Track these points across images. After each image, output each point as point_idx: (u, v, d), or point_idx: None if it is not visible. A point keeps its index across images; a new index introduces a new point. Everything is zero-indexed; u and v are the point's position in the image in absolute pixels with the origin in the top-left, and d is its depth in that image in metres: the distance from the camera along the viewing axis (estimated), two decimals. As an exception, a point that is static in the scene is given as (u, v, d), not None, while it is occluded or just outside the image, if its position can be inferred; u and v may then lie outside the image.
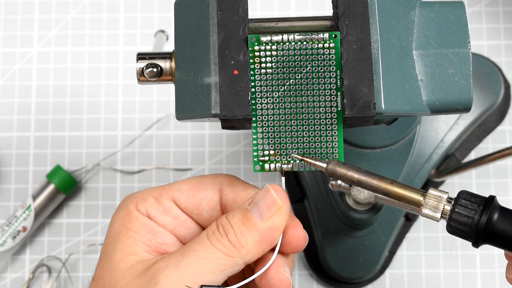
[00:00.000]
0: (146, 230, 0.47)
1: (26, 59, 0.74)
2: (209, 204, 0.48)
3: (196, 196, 0.48)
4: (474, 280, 0.69)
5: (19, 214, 0.69)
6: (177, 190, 0.48)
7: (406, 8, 0.49)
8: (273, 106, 0.47)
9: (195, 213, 0.48)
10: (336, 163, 0.46)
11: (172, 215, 0.48)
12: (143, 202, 0.48)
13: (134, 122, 0.73)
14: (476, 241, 0.44)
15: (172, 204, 0.48)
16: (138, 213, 0.48)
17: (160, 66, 0.50)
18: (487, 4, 0.74)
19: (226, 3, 0.47)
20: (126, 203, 0.48)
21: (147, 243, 0.47)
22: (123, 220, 0.48)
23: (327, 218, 0.67)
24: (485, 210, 0.44)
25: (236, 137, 0.73)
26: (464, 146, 0.70)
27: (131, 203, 0.48)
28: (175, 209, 0.48)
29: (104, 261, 0.47)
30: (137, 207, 0.48)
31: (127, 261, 0.46)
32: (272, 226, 0.45)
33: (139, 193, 0.49)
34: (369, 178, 0.45)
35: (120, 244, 0.47)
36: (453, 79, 0.49)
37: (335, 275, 0.68)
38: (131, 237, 0.47)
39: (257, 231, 0.45)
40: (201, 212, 0.48)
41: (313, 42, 0.47)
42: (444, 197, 0.45)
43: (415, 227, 0.70)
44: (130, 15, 0.75)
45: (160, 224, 0.48)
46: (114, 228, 0.48)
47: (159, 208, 0.48)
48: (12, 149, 0.73)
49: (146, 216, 0.48)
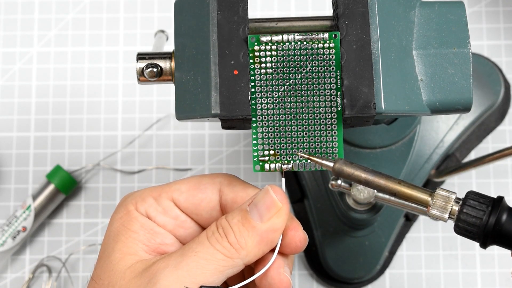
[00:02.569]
0: (146, 230, 0.47)
1: (26, 59, 0.74)
2: (208, 204, 0.48)
3: (196, 197, 0.48)
4: (474, 280, 0.69)
5: (19, 214, 0.69)
6: (176, 190, 0.48)
7: (406, 8, 0.49)
8: (273, 106, 0.47)
9: (195, 213, 0.48)
10: (343, 162, 0.45)
11: (171, 216, 0.48)
12: (143, 202, 0.48)
13: (134, 122, 0.73)
14: (484, 242, 0.44)
15: (172, 204, 0.48)
16: (137, 213, 0.48)
17: (160, 66, 0.50)
18: (487, 4, 0.74)
19: (226, 3, 0.47)
20: (125, 203, 0.48)
21: (147, 243, 0.47)
22: (122, 220, 0.47)
23: (327, 218, 0.67)
24: (494, 211, 0.43)
25: (236, 137, 0.73)
26: (464, 146, 0.70)
27: (130, 203, 0.48)
28: (175, 209, 0.48)
29: (103, 260, 0.47)
30: (137, 207, 0.48)
31: (126, 261, 0.46)
32: (271, 227, 0.45)
33: (138, 193, 0.49)
34: (376, 177, 0.45)
35: (119, 244, 0.47)
36: (453, 79, 0.49)
37: (335, 275, 0.68)
38: (130, 237, 0.47)
39: (257, 232, 0.45)
40: (201, 213, 0.48)
41: (313, 42, 0.47)
42: (452, 198, 0.45)
43: (415, 227, 0.70)
44: (130, 15, 0.75)
45: (159, 224, 0.48)
46: (113, 228, 0.48)
47: (158, 208, 0.48)
48: (12, 149, 0.73)
49: (146, 216, 0.48)
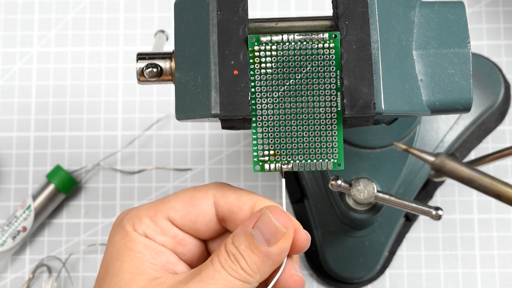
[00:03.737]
0: (150, 249, 0.47)
1: (26, 59, 0.74)
2: (205, 219, 0.48)
3: (192, 214, 0.47)
4: (474, 280, 0.69)
5: (19, 214, 0.69)
6: (171, 209, 0.47)
7: (406, 8, 0.49)
8: (273, 106, 0.47)
9: (193, 229, 0.48)
10: (445, 157, 0.43)
11: (169, 235, 0.47)
12: (140, 223, 0.47)
13: (134, 122, 0.73)
14: None
15: (169, 224, 0.48)
16: (136, 233, 0.47)
17: (160, 66, 0.50)
18: (487, 4, 0.74)
19: (226, 3, 0.47)
20: (122, 224, 0.47)
21: (153, 262, 0.46)
22: (123, 241, 0.47)
23: (327, 218, 0.67)
24: None
25: (236, 137, 0.73)
26: (464, 146, 0.70)
27: (127, 223, 0.47)
28: (172, 228, 0.48)
29: (110, 281, 0.46)
30: (135, 227, 0.47)
31: (138, 282, 0.45)
32: (280, 251, 0.45)
33: (133, 212, 0.48)
34: (481, 176, 0.42)
35: (125, 264, 0.46)
36: (453, 79, 0.49)
37: (335, 275, 0.68)
38: (135, 257, 0.46)
39: (267, 256, 0.45)
40: (198, 227, 0.48)
41: (313, 42, 0.47)
42: None
43: (415, 227, 0.70)
44: (130, 15, 0.75)
45: (160, 244, 0.47)
46: (115, 249, 0.47)
47: (156, 228, 0.47)
48: (12, 149, 0.73)
49: (144, 236, 0.47)
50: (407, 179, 0.66)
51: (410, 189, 0.66)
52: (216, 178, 0.71)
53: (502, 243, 0.69)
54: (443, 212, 0.57)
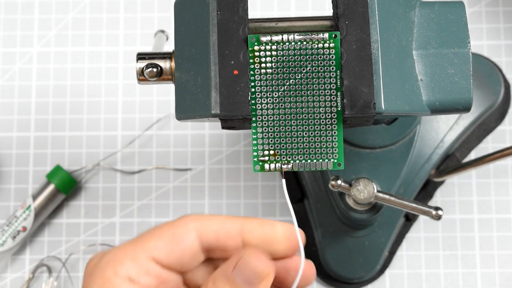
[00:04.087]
0: None
1: (26, 59, 0.74)
2: (190, 253, 0.46)
3: (176, 251, 0.46)
4: (474, 280, 0.69)
5: (19, 214, 0.69)
6: (154, 248, 0.45)
7: (406, 8, 0.49)
8: (273, 106, 0.47)
9: (179, 265, 0.46)
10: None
11: (153, 275, 0.45)
12: (121, 266, 0.45)
13: (134, 122, 0.73)
14: None
15: (152, 264, 0.45)
16: (119, 279, 0.44)
17: (160, 66, 0.50)
18: (487, 4, 0.74)
19: (226, 3, 0.47)
20: (101, 269, 0.45)
21: None
22: None
23: (327, 218, 0.67)
24: None
25: (236, 137, 0.73)
26: (464, 146, 0.70)
27: (107, 268, 0.45)
28: (156, 268, 0.46)
29: None
30: (116, 271, 0.45)
31: None
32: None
33: (111, 256, 0.45)
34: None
35: None
36: (453, 79, 0.49)
37: (335, 275, 0.68)
38: None
39: None
40: (185, 262, 0.46)
41: (313, 42, 0.47)
42: None
43: (415, 227, 0.70)
44: (130, 15, 0.75)
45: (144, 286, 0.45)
46: None
47: (140, 269, 0.45)
48: (12, 149, 0.73)
49: (128, 281, 0.45)
50: (407, 179, 0.66)
51: (410, 189, 0.66)
52: (216, 178, 0.71)
53: (502, 243, 0.69)
54: (443, 212, 0.57)
